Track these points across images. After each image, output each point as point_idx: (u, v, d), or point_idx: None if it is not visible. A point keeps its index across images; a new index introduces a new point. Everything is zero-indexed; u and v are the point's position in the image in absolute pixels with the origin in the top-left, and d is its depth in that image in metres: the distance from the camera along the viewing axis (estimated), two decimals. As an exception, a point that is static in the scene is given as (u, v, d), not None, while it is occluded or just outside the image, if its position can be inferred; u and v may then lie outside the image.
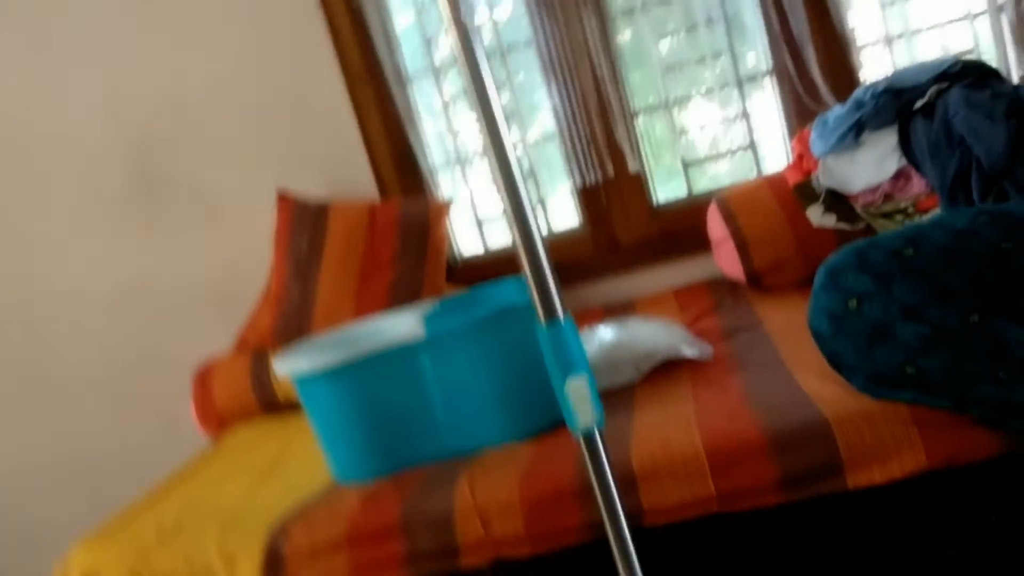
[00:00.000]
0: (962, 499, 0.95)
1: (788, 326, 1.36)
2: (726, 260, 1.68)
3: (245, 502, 1.28)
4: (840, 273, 0.99)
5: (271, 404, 1.73)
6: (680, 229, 1.91)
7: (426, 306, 1.37)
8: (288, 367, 1.25)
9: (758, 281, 1.62)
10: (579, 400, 0.72)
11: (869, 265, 0.97)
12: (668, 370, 1.31)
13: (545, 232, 2.05)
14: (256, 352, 1.76)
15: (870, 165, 1.41)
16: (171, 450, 1.78)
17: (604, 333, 1.42)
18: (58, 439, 2.22)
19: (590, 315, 1.74)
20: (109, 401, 2.19)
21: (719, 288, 1.75)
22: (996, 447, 0.94)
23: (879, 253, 0.98)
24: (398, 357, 1.21)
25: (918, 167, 1.36)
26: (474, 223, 2.08)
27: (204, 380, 1.79)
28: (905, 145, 1.38)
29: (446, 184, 2.06)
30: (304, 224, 1.83)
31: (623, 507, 1.00)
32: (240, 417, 1.76)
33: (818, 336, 1.01)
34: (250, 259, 1.96)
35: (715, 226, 1.69)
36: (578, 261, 1.97)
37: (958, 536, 0.95)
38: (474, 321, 1.23)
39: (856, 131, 1.43)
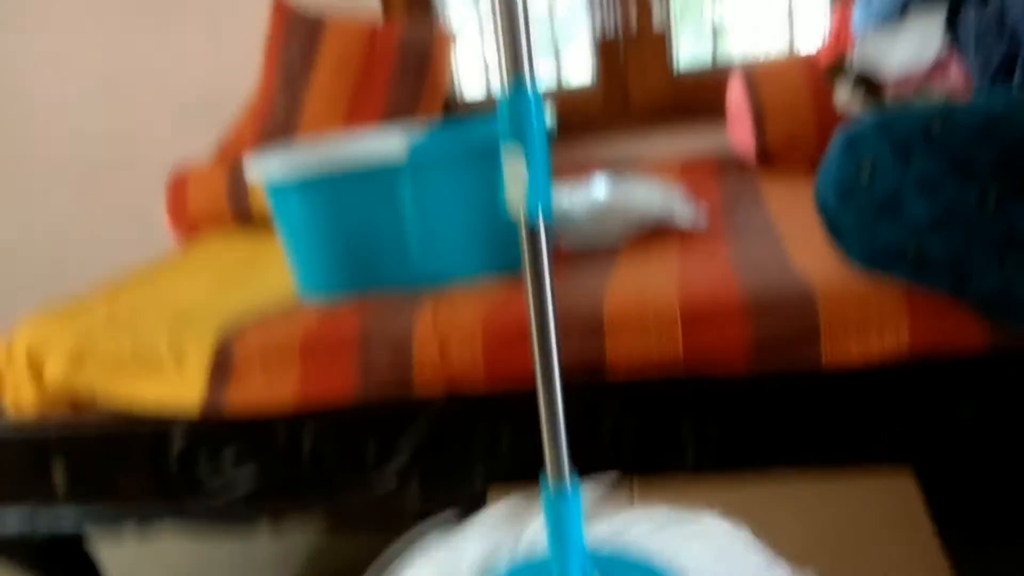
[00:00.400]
0: (937, 391, 0.92)
1: (791, 206, 1.30)
2: (740, 134, 1.59)
3: (203, 302, 1.24)
4: (860, 140, 0.92)
5: (245, 216, 1.67)
6: (697, 98, 1.81)
7: (414, 130, 1.29)
8: (261, 172, 1.18)
9: (769, 159, 1.55)
10: (514, 176, 0.60)
11: (892, 134, 0.90)
12: (658, 235, 1.25)
13: (555, 86, 1.96)
14: (235, 163, 1.69)
15: (911, 44, 1.31)
16: (141, 254, 1.73)
17: (597, 190, 1.35)
18: (23, 229, 2.17)
19: (588, 170, 1.67)
20: (80, 197, 2.12)
21: (727, 164, 1.67)
22: (983, 342, 0.89)
23: (905, 124, 0.91)
24: (377, 177, 1.15)
25: (961, 51, 1.27)
26: (481, 65, 1.97)
27: (179, 185, 1.72)
28: (951, 27, 1.28)
29: (456, 17, 1.93)
30: (298, 37, 1.72)
31: (583, 352, 0.97)
32: (213, 227, 1.70)
33: (823, 205, 0.95)
34: (240, 67, 1.84)
35: (735, 96, 1.59)
36: (586, 118, 1.87)
37: (927, 428, 0.92)
38: (460, 151, 1.16)
39: (903, 5, 1.32)
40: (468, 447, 1.02)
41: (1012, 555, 1.26)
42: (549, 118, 0.87)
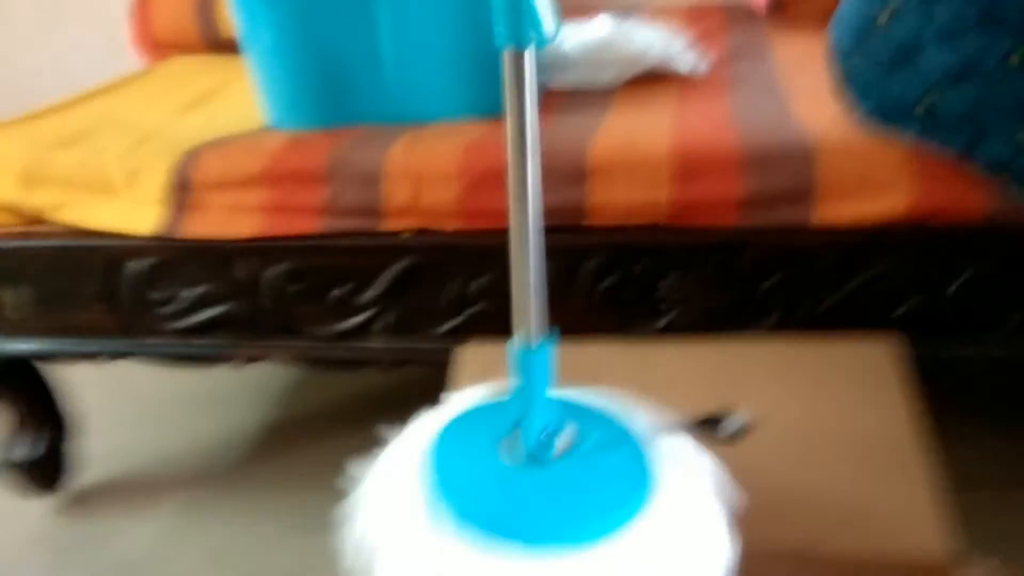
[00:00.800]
0: (931, 258, 0.87)
1: (799, 59, 1.21)
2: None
3: (162, 125, 1.16)
4: (881, -21, 0.83)
5: (214, 41, 1.55)
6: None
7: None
8: (227, -16, 1.08)
9: (781, 8, 1.44)
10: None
11: (918, -26, 0.81)
12: (655, 80, 1.17)
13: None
14: (205, -20, 1.56)
15: None
16: (106, 77, 1.63)
17: (595, 28, 1.26)
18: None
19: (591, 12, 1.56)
20: (47, 15, 1.98)
21: (737, 13, 1.55)
22: (984, 210, 0.84)
23: (932, -37, 0.82)
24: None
25: None
26: None
27: (144, 4, 1.60)
28: None
29: None
30: None
31: (567, 199, 0.92)
32: (180, 51, 1.59)
33: (836, 50, 0.87)
34: None
35: (748, -63, 1.47)
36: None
37: (913, 294, 0.88)
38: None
39: None
40: (438, 290, 0.98)
41: (994, 425, 1.27)
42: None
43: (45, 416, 1.27)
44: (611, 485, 0.56)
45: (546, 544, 0.51)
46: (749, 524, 0.76)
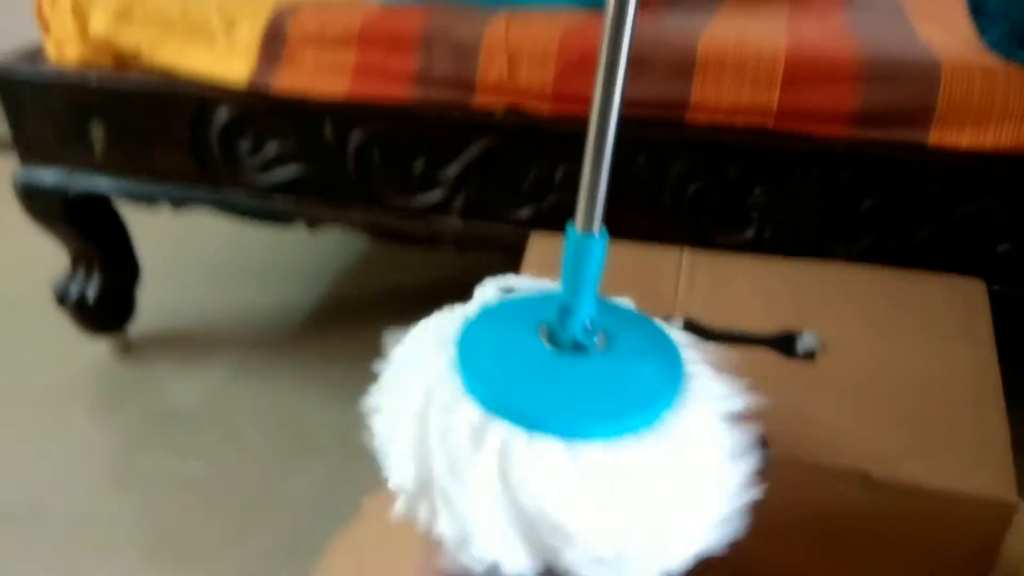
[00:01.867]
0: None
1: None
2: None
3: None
4: None
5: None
6: None
7: None
8: None
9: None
10: None
11: None
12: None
13: None
14: None
15: None
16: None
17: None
18: None
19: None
20: None
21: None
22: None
23: None
24: None
25: None
26: None
27: None
28: None
29: None
30: None
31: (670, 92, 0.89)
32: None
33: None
34: None
35: None
36: None
37: (1019, 233, 0.84)
38: None
39: None
40: (521, 173, 0.96)
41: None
42: None
43: (117, 257, 1.29)
44: (646, 383, 0.55)
45: (578, 431, 0.50)
46: (811, 439, 0.75)
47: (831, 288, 0.87)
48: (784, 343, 0.81)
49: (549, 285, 0.65)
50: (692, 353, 0.59)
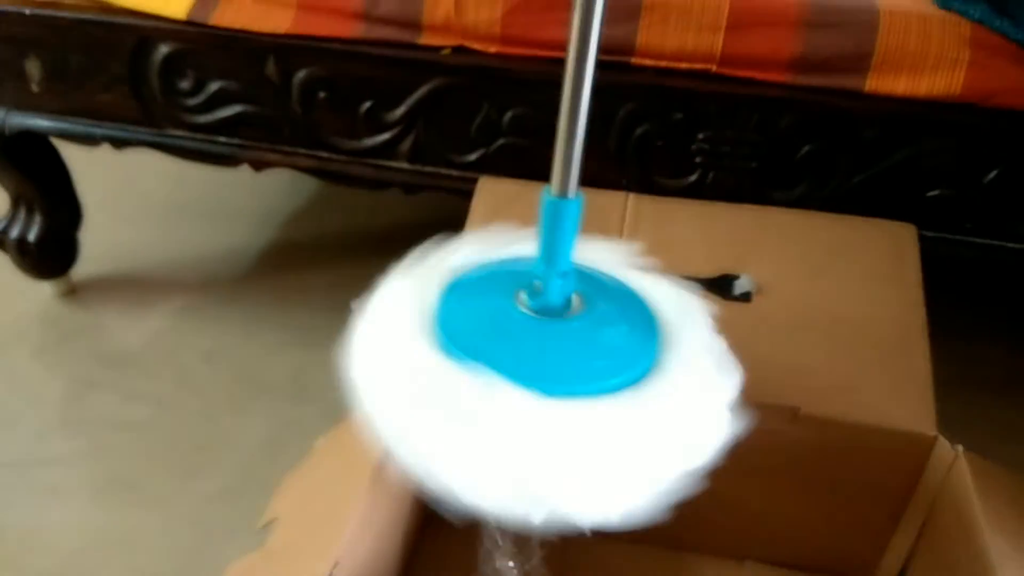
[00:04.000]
0: (971, 144, 0.86)
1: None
2: None
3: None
4: None
5: None
6: None
7: None
8: None
9: None
10: None
11: None
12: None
13: None
14: None
15: None
16: None
17: None
18: None
19: None
20: None
21: None
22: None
23: None
24: None
25: None
26: None
27: None
28: None
29: None
30: None
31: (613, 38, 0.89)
32: None
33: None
34: None
35: None
36: None
37: (949, 179, 0.87)
38: None
39: None
40: (469, 116, 0.96)
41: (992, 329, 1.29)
42: None
43: (58, 199, 1.26)
44: (624, 342, 0.56)
45: (557, 391, 0.51)
46: (745, 377, 0.78)
47: (769, 232, 0.89)
48: (721, 285, 0.84)
49: (519, 238, 0.65)
50: (673, 308, 0.61)
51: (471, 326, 0.56)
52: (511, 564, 0.68)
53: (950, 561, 0.70)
